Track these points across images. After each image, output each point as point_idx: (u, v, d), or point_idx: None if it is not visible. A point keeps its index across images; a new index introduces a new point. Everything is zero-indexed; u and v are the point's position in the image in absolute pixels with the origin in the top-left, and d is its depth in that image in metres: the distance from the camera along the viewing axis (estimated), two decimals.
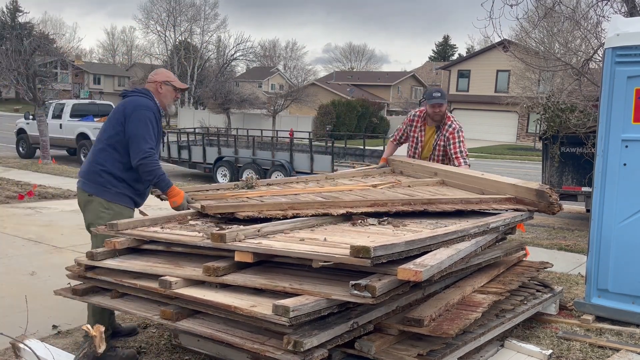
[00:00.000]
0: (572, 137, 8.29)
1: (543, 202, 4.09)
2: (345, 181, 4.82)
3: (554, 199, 4.04)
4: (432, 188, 4.64)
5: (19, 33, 20.37)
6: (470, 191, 4.51)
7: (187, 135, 15.77)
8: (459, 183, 4.69)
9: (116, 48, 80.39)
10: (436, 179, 4.85)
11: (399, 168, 5.31)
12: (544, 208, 4.11)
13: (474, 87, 39.75)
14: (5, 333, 2.99)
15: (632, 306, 4.29)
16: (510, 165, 22.18)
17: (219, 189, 4.17)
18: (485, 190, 4.40)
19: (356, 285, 2.59)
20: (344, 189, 4.32)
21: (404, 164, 5.30)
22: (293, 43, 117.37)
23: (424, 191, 4.47)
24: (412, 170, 5.18)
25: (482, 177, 4.56)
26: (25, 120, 18.14)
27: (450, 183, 4.77)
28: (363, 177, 5.05)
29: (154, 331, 4.06)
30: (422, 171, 5.07)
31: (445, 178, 4.83)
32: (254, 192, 4.03)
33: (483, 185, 4.47)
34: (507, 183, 4.35)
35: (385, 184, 4.58)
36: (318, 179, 4.81)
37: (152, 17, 52.01)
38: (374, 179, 4.93)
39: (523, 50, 14.41)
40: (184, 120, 41.41)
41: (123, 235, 3.49)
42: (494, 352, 3.63)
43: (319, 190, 4.20)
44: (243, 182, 4.33)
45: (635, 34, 4.25)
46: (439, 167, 5.03)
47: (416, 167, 5.15)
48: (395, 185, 4.57)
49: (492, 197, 4.23)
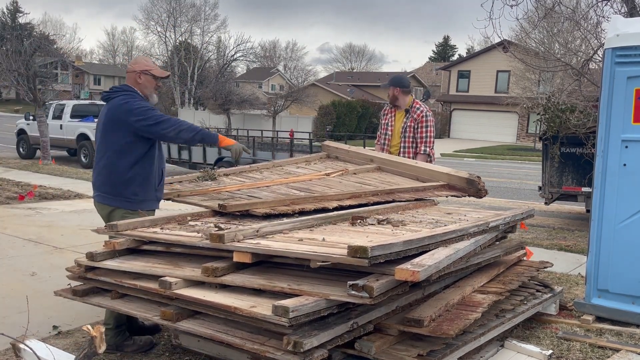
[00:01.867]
0: (572, 137, 8.29)
1: (472, 188, 4.48)
2: (295, 169, 5.08)
3: (482, 186, 4.47)
4: (376, 175, 4.98)
5: (19, 34, 20.36)
6: (407, 177, 4.86)
7: None
8: (395, 170, 5.00)
9: (116, 49, 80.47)
10: (373, 165, 5.12)
11: (334, 153, 5.59)
12: (473, 193, 4.54)
13: (474, 88, 39.74)
14: (5, 333, 2.99)
15: (632, 306, 4.29)
16: (510, 166, 22.18)
17: (182, 181, 4.39)
18: (420, 176, 4.77)
19: (354, 285, 2.59)
20: (304, 178, 4.61)
21: (339, 150, 5.61)
22: (293, 44, 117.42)
23: (373, 179, 4.78)
24: (347, 156, 5.46)
25: (416, 165, 4.95)
26: (25, 121, 18.14)
27: (386, 169, 5.07)
28: (305, 163, 5.32)
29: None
30: (357, 157, 5.37)
31: (382, 165, 5.12)
32: (234, 185, 4.27)
33: (418, 172, 4.85)
34: (441, 171, 4.70)
35: (336, 172, 4.85)
36: (268, 166, 5.04)
37: (153, 18, 51.96)
38: (316, 165, 5.26)
39: (523, 50, 14.43)
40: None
41: (123, 236, 3.50)
42: (494, 352, 3.62)
43: (286, 182, 4.47)
44: (203, 173, 4.54)
45: (635, 34, 4.25)
46: (374, 154, 5.38)
47: (352, 154, 5.46)
48: (344, 174, 4.83)
49: (433, 185, 4.59)
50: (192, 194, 4.05)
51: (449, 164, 22.21)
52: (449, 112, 40.83)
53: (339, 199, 4.03)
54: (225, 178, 4.61)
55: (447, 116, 40.75)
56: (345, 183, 4.59)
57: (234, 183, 4.44)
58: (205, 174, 4.51)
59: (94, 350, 2.56)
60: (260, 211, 3.61)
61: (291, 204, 3.81)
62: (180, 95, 48.47)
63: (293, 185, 4.41)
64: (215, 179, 4.47)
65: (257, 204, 3.71)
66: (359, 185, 4.54)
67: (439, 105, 45.33)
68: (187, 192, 4.07)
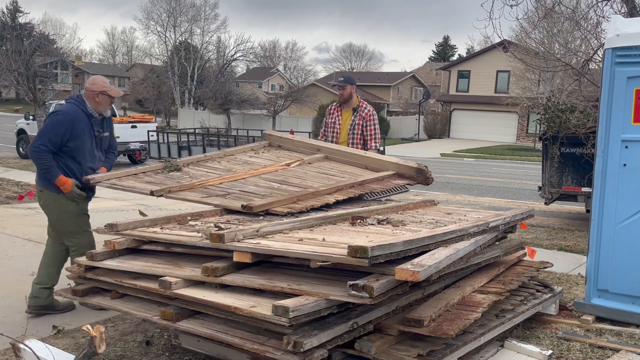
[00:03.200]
0: (572, 137, 8.28)
1: (421, 176, 4.74)
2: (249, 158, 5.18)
3: (429, 174, 4.75)
4: (330, 164, 5.13)
5: (19, 34, 20.37)
6: (357, 167, 5.01)
7: (187, 135, 15.78)
8: (344, 159, 5.13)
9: (116, 48, 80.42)
10: (322, 155, 5.22)
11: (277, 142, 5.65)
12: (421, 181, 4.80)
13: (474, 88, 39.72)
14: (5, 333, 2.99)
15: (632, 307, 4.29)
16: (510, 166, 22.18)
17: (146, 172, 4.57)
18: (369, 166, 4.96)
19: (354, 285, 2.59)
20: (271, 169, 4.77)
21: (283, 139, 5.73)
22: (293, 43, 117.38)
23: (332, 169, 4.94)
24: (292, 145, 5.55)
25: (365, 155, 5.14)
26: (25, 121, 18.14)
27: (334, 159, 5.20)
28: (253, 151, 5.41)
29: (156, 331, 4.06)
30: (303, 146, 5.46)
31: (329, 154, 5.25)
32: (215, 178, 4.41)
33: (367, 162, 5.02)
34: (390, 161, 4.94)
35: (294, 162, 5.00)
36: (221, 155, 5.19)
37: (152, 18, 51.95)
38: (267, 154, 5.36)
39: (523, 50, 14.43)
40: (184, 120, 41.42)
41: (122, 236, 3.50)
42: (494, 352, 3.62)
43: (257, 174, 4.63)
44: (167, 164, 4.67)
45: (635, 34, 4.25)
46: (321, 143, 5.49)
47: (297, 143, 5.58)
48: (302, 163, 4.98)
49: (389, 174, 4.76)
50: (182, 189, 4.15)
51: (449, 163, 22.22)
52: (449, 112, 40.82)
53: (329, 192, 4.24)
54: (187, 168, 4.75)
55: (447, 116, 40.75)
56: (312, 174, 4.74)
57: (201, 174, 4.60)
58: (170, 164, 4.67)
59: (94, 350, 2.55)
60: (281, 210, 3.76)
61: (297, 200, 3.98)
62: (180, 95, 48.47)
63: (267, 177, 4.56)
64: (180, 169, 4.65)
65: (274, 203, 3.84)
66: (325, 176, 4.69)
67: (438, 105, 45.32)
68: (176, 188, 4.14)
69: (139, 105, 53.11)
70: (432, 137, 38.96)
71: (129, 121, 17.53)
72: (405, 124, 41.05)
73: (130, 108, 51.82)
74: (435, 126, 39.63)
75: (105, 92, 4.36)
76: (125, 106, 52.50)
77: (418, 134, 38.40)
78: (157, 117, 39.62)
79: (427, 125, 39.40)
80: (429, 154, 27.39)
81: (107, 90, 4.37)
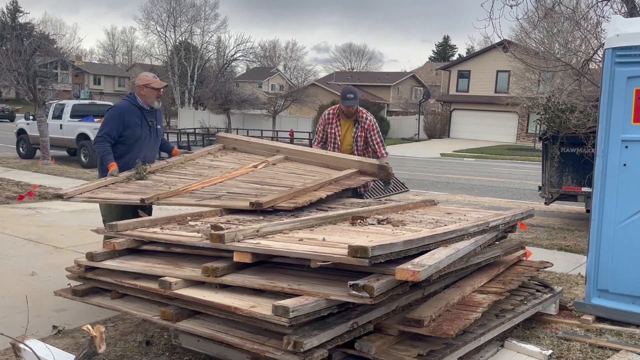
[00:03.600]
0: (572, 137, 8.28)
1: (383, 172, 4.90)
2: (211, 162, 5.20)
3: (390, 170, 4.92)
4: (292, 164, 5.14)
5: (19, 33, 20.37)
6: (318, 166, 5.09)
7: (187, 135, 15.78)
8: (304, 159, 5.21)
9: (116, 48, 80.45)
10: (282, 156, 5.26)
11: (231, 145, 5.65)
12: (383, 177, 4.97)
13: (474, 88, 39.72)
14: (5, 333, 2.99)
15: (632, 306, 4.29)
16: (510, 166, 22.18)
17: (115, 182, 4.63)
18: (330, 164, 5.06)
19: (354, 285, 2.59)
20: (242, 172, 4.83)
21: (238, 141, 5.72)
22: (293, 43, 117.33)
23: (298, 169, 5.01)
24: (249, 147, 5.57)
25: (326, 154, 5.25)
26: (25, 121, 18.14)
27: (294, 159, 5.25)
28: (210, 155, 5.40)
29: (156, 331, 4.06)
30: (260, 148, 5.49)
31: (289, 155, 5.30)
32: (196, 184, 4.44)
33: (327, 161, 5.12)
34: (352, 159, 5.07)
35: (260, 164, 5.03)
36: (182, 161, 5.19)
37: (152, 18, 51.95)
38: (226, 157, 5.36)
39: (523, 50, 14.42)
40: (184, 120, 41.41)
41: (122, 236, 3.50)
42: (494, 352, 3.62)
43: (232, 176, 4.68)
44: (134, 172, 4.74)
45: (635, 34, 4.25)
46: (277, 144, 5.56)
47: (254, 144, 5.60)
48: (267, 165, 5.03)
49: (352, 172, 4.86)
50: (169, 195, 4.19)
51: (449, 163, 22.22)
52: (449, 112, 40.82)
53: (316, 189, 4.37)
54: (156, 175, 4.81)
55: (447, 116, 40.76)
56: (283, 174, 4.81)
57: (174, 180, 4.63)
58: (137, 173, 4.76)
59: (94, 350, 2.55)
60: (287, 205, 3.89)
61: (294, 197, 4.08)
62: (180, 95, 48.49)
63: (243, 179, 4.63)
64: (146, 177, 4.74)
65: (278, 199, 3.93)
66: (296, 175, 4.77)
67: (438, 105, 45.32)
68: (164, 195, 4.18)
69: None
70: (432, 137, 38.97)
71: None
72: (405, 124, 41.06)
73: None
74: (435, 126, 39.63)
75: (149, 84, 4.91)
76: None
77: (418, 134, 38.41)
78: None
79: (427, 125, 39.41)
80: (429, 154, 27.39)
81: (149, 83, 4.92)
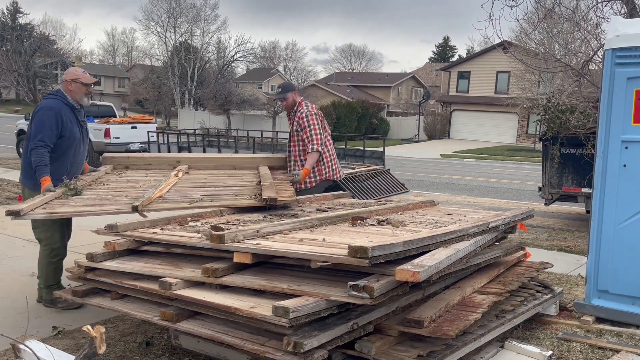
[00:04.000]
0: (572, 138, 8.29)
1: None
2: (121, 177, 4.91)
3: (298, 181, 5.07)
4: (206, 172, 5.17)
5: (19, 34, 20.38)
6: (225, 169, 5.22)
7: (187, 136, 15.76)
8: (210, 165, 5.29)
9: (116, 49, 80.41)
10: (184, 166, 5.13)
11: (123, 164, 5.27)
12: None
13: (474, 88, 39.72)
14: (5, 334, 2.99)
15: (632, 307, 4.29)
16: (510, 167, 22.17)
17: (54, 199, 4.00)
18: (237, 166, 5.23)
19: (354, 286, 2.59)
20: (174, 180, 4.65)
21: (130, 159, 5.40)
22: (293, 44, 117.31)
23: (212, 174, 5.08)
24: (144, 162, 5.29)
25: (232, 156, 5.43)
26: (25, 121, 18.10)
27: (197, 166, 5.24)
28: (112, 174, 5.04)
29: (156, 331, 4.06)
30: (158, 162, 5.29)
31: (191, 163, 5.24)
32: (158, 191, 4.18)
33: (235, 162, 5.26)
34: (260, 157, 5.41)
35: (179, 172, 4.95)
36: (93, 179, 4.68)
37: (153, 19, 51.93)
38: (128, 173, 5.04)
39: (523, 51, 14.43)
40: (184, 121, 41.40)
41: (122, 237, 3.50)
42: (494, 353, 3.62)
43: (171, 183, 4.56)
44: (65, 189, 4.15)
45: (635, 35, 4.25)
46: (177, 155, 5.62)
47: (149, 160, 5.38)
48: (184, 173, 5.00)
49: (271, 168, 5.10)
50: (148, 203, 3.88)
51: (449, 164, 22.21)
52: (449, 112, 40.82)
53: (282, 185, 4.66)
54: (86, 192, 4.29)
55: (447, 117, 40.75)
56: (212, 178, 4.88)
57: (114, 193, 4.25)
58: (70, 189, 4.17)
59: (94, 350, 2.55)
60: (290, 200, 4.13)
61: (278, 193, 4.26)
62: (180, 96, 48.44)
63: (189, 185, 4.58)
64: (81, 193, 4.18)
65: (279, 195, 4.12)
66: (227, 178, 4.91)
67: (438, 106, 45.31)
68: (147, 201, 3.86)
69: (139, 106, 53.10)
70: (432, 137, 38.96)
71: (129, 122, 17.54)
72: (405, 125, 41.06)
73: (130, 109, 51.84)
74: (435, 127, 39.63)
75: (77, 79, 4.42)
76: (126, 107, 52.51)
77: (418, 135, 38.41)
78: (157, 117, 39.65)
79: (427, 125, 39.40)
80: (429, 154, 27.39)
81: (78, 78, 4.43)
